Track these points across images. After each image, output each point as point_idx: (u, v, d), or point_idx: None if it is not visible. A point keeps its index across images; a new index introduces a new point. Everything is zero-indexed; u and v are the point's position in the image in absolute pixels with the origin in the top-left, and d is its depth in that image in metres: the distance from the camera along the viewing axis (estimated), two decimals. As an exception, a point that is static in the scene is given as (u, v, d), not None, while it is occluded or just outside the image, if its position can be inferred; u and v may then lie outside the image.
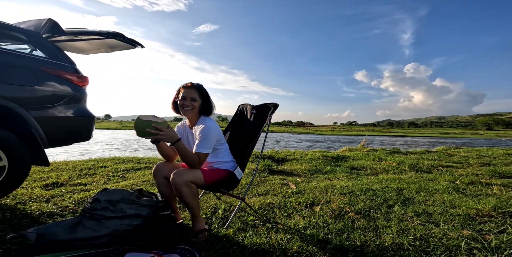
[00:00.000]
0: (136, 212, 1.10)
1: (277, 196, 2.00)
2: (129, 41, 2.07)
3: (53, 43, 1.84)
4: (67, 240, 1.02)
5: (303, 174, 2.98)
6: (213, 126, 1.29)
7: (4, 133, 1.44)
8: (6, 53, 1.54)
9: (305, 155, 4.41)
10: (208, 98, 1.36)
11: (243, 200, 1.48)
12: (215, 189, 1.33)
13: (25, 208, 1.48)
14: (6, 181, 1.46)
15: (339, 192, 2.12)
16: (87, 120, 1.92)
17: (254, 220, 1.49)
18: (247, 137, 1.58)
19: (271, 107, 1.59)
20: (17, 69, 1.53)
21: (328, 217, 1.55)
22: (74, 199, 1.70)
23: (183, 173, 1.15)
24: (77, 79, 1.83)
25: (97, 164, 2.91)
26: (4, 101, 1.42)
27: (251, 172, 2.92)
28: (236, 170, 1.37)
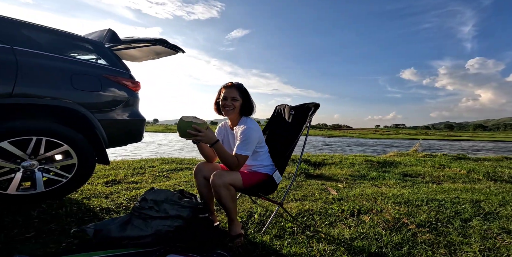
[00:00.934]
0: (177, 213, 1.13)
1: (316, 202, 1.89)
2: (172, 47, 2.22)
3: (112, 51, 2.06)
4: (118, 237, 1.07)
5: (344, 180, 2.79)
6: (255, 128, 1.27)
7: (75, 134, 1.64)
8: (78, 62, 1.77)
9: (345, 160, 4.15)
10: (249, 97, 1.34)
11: (281, 205, 1.41)
12: (253, 192, 1.30)
13: (88, 203, 1.67)
14: (75, 178, 1.66)
15: (392, 200, 1.91)
16: (139, 123, 2.10)
17: (292, 227, 1.41)
18: (286, 139, 1.52)
19: (312, 107, 1.50)
20: (86, 76, 1.73)
21: (380, 228, 1.39)
22: (127, 196, 1.86)
23: (222, 175, 1.14)
24: (131, 84, 2.01)
25: (146, 164, 3.20)
26: (76, 105, 1.62)
27: (286, 175, 2.83)
28: (275, 174, 1.32)
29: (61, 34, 1.80)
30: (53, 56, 1.64)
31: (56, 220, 1.33)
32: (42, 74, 1.54)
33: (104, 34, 2.01)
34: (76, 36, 1.89)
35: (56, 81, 1.59)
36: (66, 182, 1.62)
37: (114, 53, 2.05)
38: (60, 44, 1.81)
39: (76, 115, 1.66)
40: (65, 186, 1.63)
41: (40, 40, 1.67)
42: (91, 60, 1.96)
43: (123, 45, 2.13)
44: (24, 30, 1.61)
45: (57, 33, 1.78)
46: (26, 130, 1.44)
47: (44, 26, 1.73)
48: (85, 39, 1.94)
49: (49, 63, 1.59)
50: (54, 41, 1.77)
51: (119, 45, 2.09)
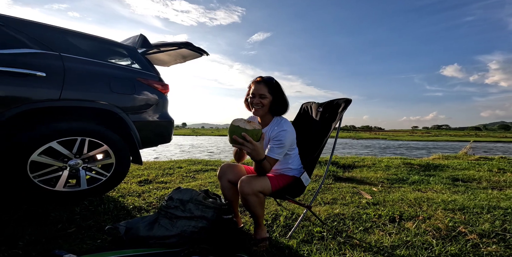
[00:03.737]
0: (202, 214, 1.12)
1: (348, 206, 1.76)
2: (196, 50, 2.29)
3: (144, 56, 2.18)
4: (145, 236, 1.08)
5: (379, 183, 2.58)
6: (290, 130, 1.18)
7: (112, 135, 1.75)
8: (115, 67, 1.90)
9: (379, 162, 3.87)
10: (281, 94, 1.20)
11: (309, 209, 1.34)
12: (281, 196, 1.23)
13: (123, 201, 1.76)
14: (113, 176, 1.77)
15: (442, 207, 1.72)
16: (169, 124, 2.19)
17: (321, 231, 1.32)
18: (313, 139, 1.44)
19: (342, 104, 1.39)
20: (122, 80, 1.85)
21: (429, 237, 1.25)
22: (157, 195, 1.93)
23: (251, 182, 1.08)
24: (161, 87, 2.10)
25: (175, 165, 3.33)
26: (113, 107, 1.74)
27: (313, 178, 2.71)
28: (303, 176, 1.25)
29: (100, 40, 1.95)
30: (94, 61, 1.78)
31: (94, 217, 1.41)
32: (85, 78, 1.67)
33: (137, 39, 2.14)
34: (112, 42, 2.04)
35: (97, 85, 1.71)
36: (105, 181, 1.74)
37: (145, 57, 2.17)
38: (99, 49, 1.96)
39: (113, 117, 1.77)
40: (104, 184, 1.75)
41: (83, 47, 1.83)
42: (126, 64, 2.09)
43: (153, 49, 2.24)
44: (69, 38, 1.76)
45: (97, 39, 1.93)
46: (72, 131, 1.58)
47: (86, 33, 1.88)
48: (121, 44, 2.08)
49: (91, 68, 1.72)
50: (94, 47, 1.92)
51: (149, 49, 2.21)
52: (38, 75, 1.46)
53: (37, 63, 1.49)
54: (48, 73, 1.49)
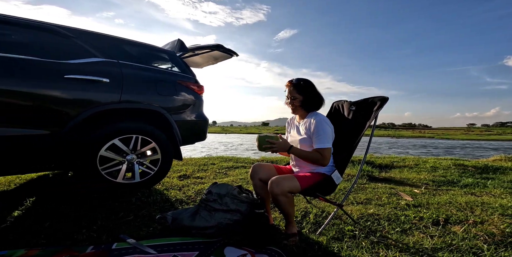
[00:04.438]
0: (236, 208, 1.21)
1: (384, 207, 1.70)
2: (227, 51, 2.42)
3: (182, 59, 2.38)
4: (188, 226, 1.20)
5: (423, 185, 2.42)
6: (326, 120, 1.29)
7: (159, 133, 1.97)
8: (160, 71, 2.12)
9: (423, 163, 3.58)
10: (311, 92, 1.32)
11: (340, 207, 1.34)
12: (310, 193, 1.27)
13: (167, 194, 1.95)
14: (159, 171, 1.99)
15: (500, 212, 1.59)
16: (204, 123, 2.37)
17: (353, 230, 1.32)
18: (346, 138, 1.43)
19: (377, 102, 1.36)
20: (166, 83, 2.06)
21: (480, 242, 1.17)
22: (195, 190, 2.09)
23: (280, 183, 1.14)
24: (197, 88, 2.28)
25: (208, 162, 3.55)
26: (159, 108, 1.96)
27: (345, 177, 2.63)
28: (334, 174, 1.27)
29: (146, 46, 2.18)
30: (144, 67, 2.01)
31: (146, 207, 1.61)
32: (138, 83, 1.90)
33: (175, 44, 2.35)
34: (156, 48, 2.27)
35: (147, 89, 1.94)
36: (153, 175, 1.97)
37: (183, 61, 2.36)
38: (146, 55, 2.20)
39: (160, 117, 1.99)
40: (153, 178, 1.97)
41: (133, 53, 2.07)
42: (167, 67, 2.32)
43: (189, 53, 2.43)
44: (123, 45, 2.00)
45: (144, 46, 2.17)
46: (129, 130, 1.82)
47: (135, 41, 2.12)
48: (163, 49, 2.30)
49: (142, 73, 1.95)
50: (142, 53, 2.16)
51: (186, 53, 2.39)
52: (103, 81, 1.71)
53: (102, 71, 1.74)
54: (110, 79, 1.74)
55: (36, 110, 1.49)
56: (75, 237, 1.14)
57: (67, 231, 1.20)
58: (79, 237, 1.14)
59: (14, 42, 1.75)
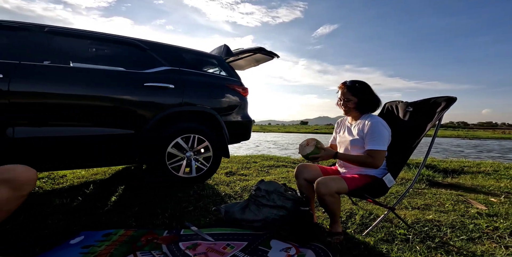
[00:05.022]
0: (283, 204, 1.30)
1: (447, 214, 1.60)
2: (268, 54, 2.53)
3: (228, 63, 2.58)
4: (239, 219, 1.31)
5: (502, 194, 2.14)
6: (382, 122, 1.27)
7: (211, 133, 2.21)
8: (211, 76, 2.36)
9: (505, 169, 3.13)
10: (366, 94, 1.31)
11: (392, 210, 1.32)
12: (359, 195, 1.28)
13: (217, 189, 2.16)
14: (211, 167, 2.24)
15: None
16: (249, 124, 2.55)
17: (405, 234, 1.29)
18: (401, 140, 1.37)
19: (442, 102, 1.28)
20: (216, 86, 2.29)
21: None
22: (240, 186, 2.26)
23: (327, 183, 1.17)
24: (242, 90, 2.46)
25: (251, 160, 3.73)
26: (211, 110, 2.19)
27: (398, 181, 2.49)
28: (385, 177, 1.26)
29: (199, 53, 2.43)
30: (199, 72, 2.26)
31: (202, 200, 1.82)
32: (195, 87, 2.15)
33: (222, 49, 2.54)
34: (207, 54, 2.51)
35: (202, 92, 2.18)
36: (206, 170, 2.22)
37: (229, 65, 2.55)
38: (199, 61, 2.46)
39: (212, 118, 2.22)
40: (205, 174, 2.22)
41: (190, 60, 2.33)
42: (216, 72, 2.54)
43: (234, 57, 2.61)
44: (181, 53, 2.26)
45: (197, 53, 2.41)
46: (188, 130, 2.09)
47: (190, 49, 2.37)
48: (212, 55, 2.53)
49: (198, 79, 2.20)
50: (195, 60, 2.41)
51: (231, 57, 2.58)
52: (170, 87, 2.00)
53: (169, 78, 2.02)
54: (175, 85, 2.02)
55: (124, 113, 1.84)
56: (154, 222, 1.40)
57: (148, 216, 1.48)
58: (156, 222, 1.40)
59: (106, 56, 2.18)
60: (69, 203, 1.68)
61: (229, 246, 1.13)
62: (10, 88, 1.48)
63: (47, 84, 1.60)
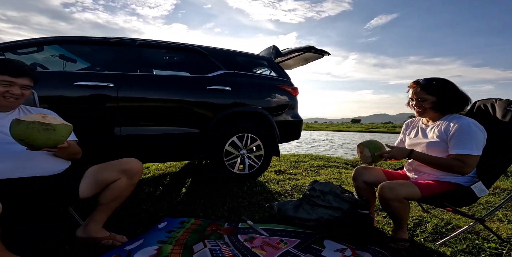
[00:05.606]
0: (338, 205, 1.29)
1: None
2: (318, 52, 2.48)
3: (278, 64, 2.63)
4: (292, 217, 1.35)
5: None
6: (475, 122, 1.09)
7: (263, 132, 2.31)
8: (262, 77, 2.46)
9: None
10: (447, 92, 1.15)
11: (481, 222, 1.16)
12: (435, 202, 1.14)
13: (268, 186, 2.24)
14: (262, 165, 2.35)
15: None
16: (299, 123, 2.57)
17: (497, 248, 1.13)
18: (498, 144, 1.18)
19: None
20: (267, 87, 2.38)
21: None
22: (290, 185, 2.29)
23: (394, 188, 1.07)
24: (292, 90, 2.49)
25: (299, 159, 3.72)
26: (263, 110, 2.30)
27: (490, 190, 2.14)
28: (475, 185, 1.08)
29: (250, 55, 2.54)
30: (251, 74, 2.38)
31: (254, 196, 1.92)
32: (248, 89, 2.28)
33: (271, 50, 2.60)
34: (257, 55, 2.61)
35: (254, 93, 2.30)
36: (258, 168, 2.33)
37: (279, 65, 2.60)
38: (250, 63, 2.58)
39: (263, 118, 2.32)
40: (257, 171, 2.34)
41: (242, 62, 2.46)
42: (266, 73, 2.62)
43: (284, 57, 2.63)
44: (234, 56, 2.40)
45: (248, 55, 2.53)
46: (243, 129, 2.23)
47: (242, 52, 2.50)
48: (262, 57, 2.61)
49: (250, 80, 2.33)
50: (247, 62, 2.54)
51: (280, 57, 2.61)
52: (227, 90, 2.18)
53: (226, 81, 2.20)
54: (231, 87, 2.19)
55: (193, 114, 2.07)
56: (216, 213, 1.58)
57: (210, 208, 1.65)
58: (218, 214, 1.57)
59: (176, 62, 2.47)
60: (154, 192, 2.00)
61: (282, 241, 1.18)
62: (118, 94, 1.81)
63: (141, 91, 1.91)
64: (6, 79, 0.95)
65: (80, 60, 2.23)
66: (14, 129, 0.84)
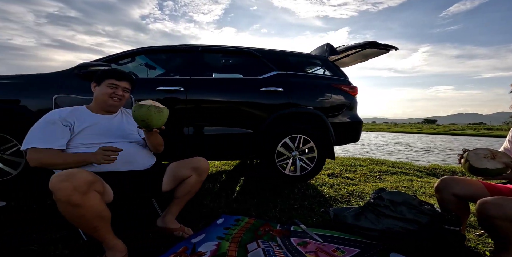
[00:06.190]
0: (414, 218, 1.13)
1: None
2: (382, 47, 2.24)
3: (333, 63, 2.49)
4: (351, 224, 1.27)
5: None
6: None
7: (316, 134, 2.22)
8: (315, 76, 2.36)
9: None
10: None
11: None
12: None
13: (321, 190, 2.11)
14: (314, 168, 2.24)
15: None
16: (357, 125, 2.37)
17: None
18: None
19: None
20: (321, 87, 2.28)
21: None
22: (346, 190, 2.12)
23: (503, 206, 0.91)
24: (351, 90, 2.32)
25: (355, 163, 3.41)
26: (317, 111, 2.21)
27: None
28: None
29: (302, 55, 2.47)
30: (304, 74, 2.31)
31: (306, 199, 1.84)
32: (301, 89, 2.22)
33: (324, 48, 2.47)
34: (309, 55, 2.52)
35: (308, 94, 2.23)
36: (310, 171, 2.24)
37: (334, 64, 2.46)
38: (302, 63, 2.50)
39: (317, 119, 2.23)
40: (309, 173, 2.25)
41: (294, 63, 2.41)
42: (320, 72, 2.50)
43: (339, 55, 2.46)
44: (286, 57, 2.37)
45: (300, 55, 2.46)
46: (295, 130, 2.19)
47: (294, 52, 2.44)
48: (315, 56, 2.51)
49: (304, 80, 2.26)
50: (300, 62, 2.48)
51: (336, 56, 2.45)
52: (280, 91, 2.17)
53: (279, 82, 2.19)
54: (284, 88, 2.17)
55: (247, 116, 2.13)
56: (268, 214, 1.60)
57: (263, 208, 1.65)
58: (270, 214, 1.58)
59: (231, 65, 2.54)
60: (212, 187, 2.11)
61: (339, 249, 1.10)
62: (187, 97, 1.97)
63: (205, 93, 2.03)
64: (113, 82, 1.16)
65: (158, 67, 2.52)
66: (139, 111, 0.99)
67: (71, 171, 0.84)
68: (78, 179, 0.81)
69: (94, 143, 1.08)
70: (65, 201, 0.80)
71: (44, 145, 0.99)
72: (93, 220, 0.87)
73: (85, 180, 0.83)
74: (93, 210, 0.86)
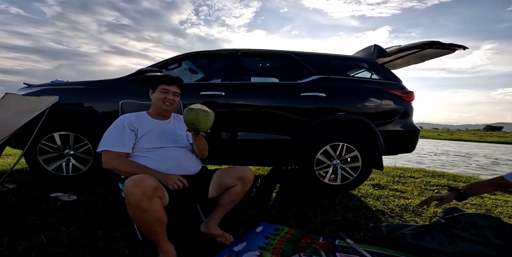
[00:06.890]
0: (502, 243, 0.96)
1: None
2: (447, 47, 1.98)
3: (383, 66, 2.26)
4: (411, 243, 1.14)
5: None
6: None
7: (362, 142, 2.02)
8: (362, 81, 2.16)
9: None
10: None
11: None
12: None
13: (366, 202, 1.91)
14: (358, 178, 2.04)
15: None
16: (413, 134, 2.12)
17: None
18: None
19: None
20: (369, 92, 2.08)
21: None
22: (397, 203, 1.89)
23: None
24: (405, 95, 2.09)
25: (405, 173, 3.05)
26: (364, 118, 2.01)
27: None
28: None
29: (346, 58, 2.31)
30: (349, 78, 2.15)
31: (349, 211, 1.66)
32: (345, 94, 2.07)
33: (372, 50, 2.27)
34: (355, 57, 2.34)
35: (353, 99, 2.06)
36: (352, 180, 2.04)
37: (384, 67, 2.23)
38: (347, 66, 2.33)
39: (364, 127, 2.04)
40: (351, 183, 2.05)
41: (338, 66, 2.27)
42: (367, 76, 2.29)
43: (391, 57, 2.23)
44: (328, 60, 2.24)
45: (344, 58, 2.31)
46: (337, 138, 2.03)
47: (337, 55, 2.30)
48: (360, 58, 2.32)
49: (348, 85, 2.11)
50: (344, 65, 2.31)
51: (386, 58, 2.23)
52: (321, 96, 2.03)
53: (320, 86, 2.06)
54: (326, 93, 2.03)
55: (284, 121, 2.04)
56: (308, 224, 1.47)
57: (303, 218, 1.52)
58: (310, 225, 1.46)
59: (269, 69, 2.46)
60: (249, 193, 1.98)
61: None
62: (228, 101, 1.96)
63: (244, 98, 2.01)
64: (164, 87, 1.21)
65: (200, 71, 2.57)
66: (189, 115, 1.02)
67: (140, 176, 0.87)
68: (147, 185, 0.84)
69: (153, 148, 1.14)
70: (135, 205, 0.84)
71: (115, 148, 1.08)
72: (155, 224, 0.90)
73: (152, 186, 0.86)
74: (156, 215, 0.88)
